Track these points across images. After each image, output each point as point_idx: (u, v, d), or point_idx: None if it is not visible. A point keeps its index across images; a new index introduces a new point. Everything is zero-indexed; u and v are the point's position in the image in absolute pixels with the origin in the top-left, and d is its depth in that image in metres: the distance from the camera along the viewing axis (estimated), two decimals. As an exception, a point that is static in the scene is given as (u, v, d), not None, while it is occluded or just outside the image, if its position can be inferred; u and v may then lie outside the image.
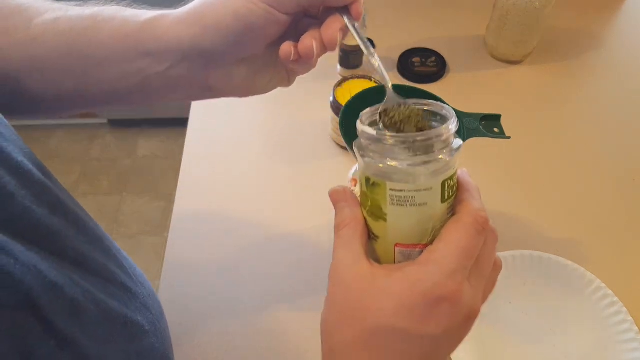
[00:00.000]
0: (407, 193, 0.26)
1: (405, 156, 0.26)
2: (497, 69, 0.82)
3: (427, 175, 0.26)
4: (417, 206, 0.27)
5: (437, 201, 0.27)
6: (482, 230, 0.27)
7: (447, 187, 0.27)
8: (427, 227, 0.28)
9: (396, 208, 0.27)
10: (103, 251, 0.37)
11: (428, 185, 0.26)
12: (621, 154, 0.71)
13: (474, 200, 0.28)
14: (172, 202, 0.65)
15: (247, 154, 0.70)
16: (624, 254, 0.60)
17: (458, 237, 0.27)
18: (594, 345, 0.52)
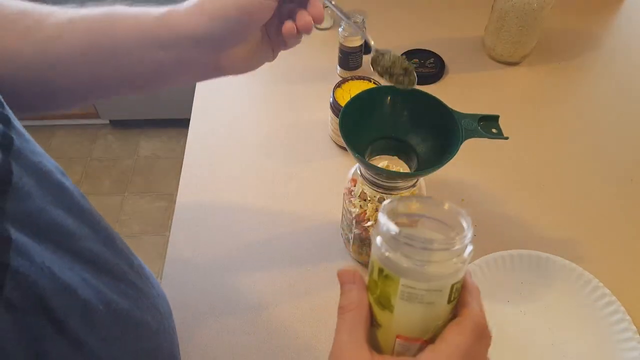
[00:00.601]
0: (418, 291, 0.27)
1: (423, 257, 0.27)
2: (496, 70, 0.83)
3: (440, 278, 0.27)
4: (424, 304, 0.28)
5: (444, 302, 0.28)
6: (481, 337, 0.28)
7: (454, 290, 0.28)
8: (430, 324, 0.29)
9: (404, 303, 0.28)
10: (115, 251, 0.37)
11: (439, 287, 0.27)
12: (619, 154, 0.71)
13: (476, 304, 0.29)
14: (173, 202, 0.65)
15: (248, 154, 0.71)
16: (622, 253, 0.61)
17: (459, 340, 0.27)
18: (592, 344, 0.53)
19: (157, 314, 0.40)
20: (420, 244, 0.27)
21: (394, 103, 0.49)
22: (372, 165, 0.46)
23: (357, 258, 0.59)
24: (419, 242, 0.27)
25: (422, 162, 0.49)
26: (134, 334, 0.35)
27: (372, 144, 0.50)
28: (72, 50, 0.38)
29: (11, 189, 0.26)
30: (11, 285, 0.24)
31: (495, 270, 0.57)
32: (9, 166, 0.27)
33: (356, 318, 0.29)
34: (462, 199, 0.65)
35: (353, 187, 0.53)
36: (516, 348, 0.53)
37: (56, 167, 0.34)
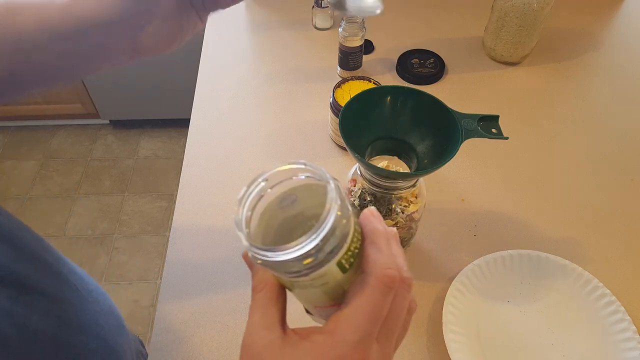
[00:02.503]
0: (303, 282, 0.26)
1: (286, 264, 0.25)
2: (496, 70, 0.83)
3: (315, 269, 0.25)
4: (318, 287, 0.27)
5: (339, 276, 0.26)
6: (389, 290, 0.26)
7: (344, 261, 0.26)
8: (337, 292, 0.27)
9: (300, 289, 0.27)
10: (42, 268, 0.35)
11: (321, 274, 0.26)
12: (619, 154, 0.71)
13: (379, 256, 0.26)
14: (173, 202, 0.65)
15: (248, 154, 0.71)
16: (622, 253, 0.61)
17: (363, 302, 0.26)
18: (592, 344, 0.53)
19: (99, 330, 0.39)
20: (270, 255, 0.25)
21: (394, 103, 0.49)
22: (372, 165, 0.46)
23: (357, 258, 0.59)
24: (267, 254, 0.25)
25: (422, 162, 0.49)
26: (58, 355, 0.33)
27: (372, 144, 0.50)
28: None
29: None
30: None
31: (495, 270, 0.57)
32: None
33: (266, 297, 0.28)
34: (462, 198, 0.66)
35: (353, 187, 0.53)
36: (516, 348, 0.53)
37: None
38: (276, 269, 0.27)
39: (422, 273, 0.59)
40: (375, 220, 0.28)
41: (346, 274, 0.27)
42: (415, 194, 0.52)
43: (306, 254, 0.24)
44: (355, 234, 0.27)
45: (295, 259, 0.24)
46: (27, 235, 0.36)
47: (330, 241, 0.25)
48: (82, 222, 1.64)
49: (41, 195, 1.71)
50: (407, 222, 0.52)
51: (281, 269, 0.26)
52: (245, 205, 0.27)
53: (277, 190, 0.29)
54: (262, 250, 0.25)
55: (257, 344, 0.27)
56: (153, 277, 1.51)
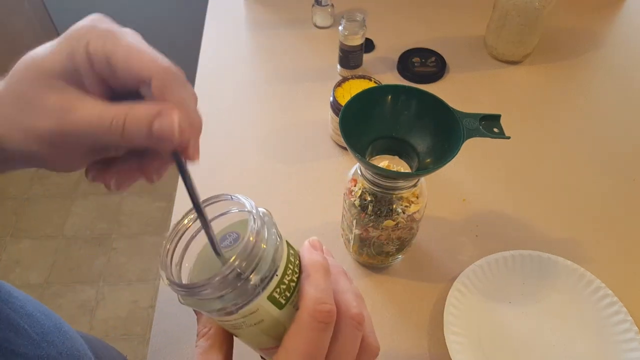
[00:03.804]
0: (236, 322, 0.25)
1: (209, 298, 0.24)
2: (497, 69, 0.82)
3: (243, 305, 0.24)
4: (254, 326, 0.25)
5: (274, 312, 0.25)
6: (325, 326, 0.24)
7: (278, 295, 0.24)
8: (278, 332, 0.26)
9: (237, 331, 0.26)
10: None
11: (252, 310, 0.24)
12: (621, 154, 0.71)
13: (313, 290, 0.25)
14: (172, 202, 0.65)
15: (248, 154, 0.71)
16: (624, 253, 0.60)
17: (297, 343, 0.24)
18: (594, 345, 0.52)
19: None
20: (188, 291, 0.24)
21: (394, 102, 0.49)
22: (372, 165, 0.46)
23: (357, 258, 0.58)
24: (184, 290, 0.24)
25: (423, 162, 0.49)
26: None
27: (373, 143, 0.50)
28: None
29: None
30: None
31: (496, 270, 0.56)
32: None
33: (208, 344, 0.27)
34: (463, 199, 0.65)
35: (353, 187, 0.53)
36: (517, 349, 0.52)
37: None
38: (204, 308, 0.25)
39: (423, 274, 0.58)
40: (314, 253, 0.26)
41: (283, 309, 0.25)
42: (416, 194, 0.52)
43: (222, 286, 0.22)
44: (290, 266, 0.25)
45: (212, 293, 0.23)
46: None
47: (256, 271, 0.23)
48: (81, 222, 1.64)
49: (40, 196, 1.70)
50: (408, 222, 0.51)
51: (207, 308, 0.24)
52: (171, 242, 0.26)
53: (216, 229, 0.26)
54: (180, 288, 0.24)
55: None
56: (152, 278, 1.50)
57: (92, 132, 0.26)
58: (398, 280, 0.58)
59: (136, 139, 0.26)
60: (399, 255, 0.57)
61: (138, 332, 1.37)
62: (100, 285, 1.49)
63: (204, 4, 0.94)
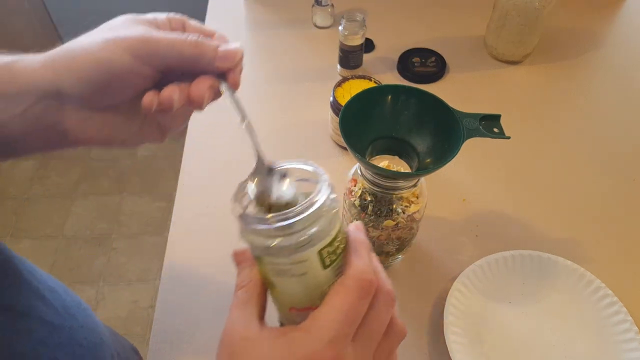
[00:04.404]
0: (283, 266, 0.27)
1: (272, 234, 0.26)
2: (497, 69, 0.82)
3: (295, 249, 0.26)
4: (297, 276, 0.27)
5: (319, 269, 0.27)
6: (366, 294, 0.27)
7: (326, 254, 0.27)
8: (314, 292, 0.28)
9: (279, 278, 0.28)
10: (18, 285, 0.35)
11: (302, 258, 0.27)
12: (621, 154, 0.71)
13: (359, 261, 0.28)
14: (172, 202, 0.65)
15: (247, 154, 0.70)
16: (624, 254, 0.60)
17: (339, 301, 0.26)
18: (594, 345, 0.52)
19: (77, 348, 0.38)
20: (255, 224, 0.27)
21: (394, 102, 0.49)
22: (372, 165, 0.46)
23: (357, 258, 0.58)
24: (252, 222, 0.27)
25: (423, 162, 0.49)
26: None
27: (373, 143, 0.50)
28: None
29: None
30: None
31: (496, 270, 0.56)
32: None
33: (247, 295, 0.29)
34: (463, 198, 0.65)
35: (353, 187, 0.52)
36: (517, 349, 0.52)
37: None
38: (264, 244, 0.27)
39: (423, 273, 0.58)
40: (360, 232, 0.29)
41: (326, 270, 0.27)
42: (416, 194, 0.52)
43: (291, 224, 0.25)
44: (340, 235, 0.28)
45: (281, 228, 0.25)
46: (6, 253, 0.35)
47: (315, 222, 0.26)
48: (81, 222, 1.64)
49: (39, 196, 1.70)
50: (408, 222, 0.51)
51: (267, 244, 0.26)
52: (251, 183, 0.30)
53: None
54: (253, 218, 0.26)
55: (234, 338, 0.28)
56: (152, 278, 1.50)
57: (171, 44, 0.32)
58: (398, 280, 0.58)
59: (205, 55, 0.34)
60: (399, 255, 0.57)
61: (138, 332, 1.37)
62: (100, 285, 1.49)
63: (204, 4, 0.94)
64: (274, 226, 0.26)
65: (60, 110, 0.33)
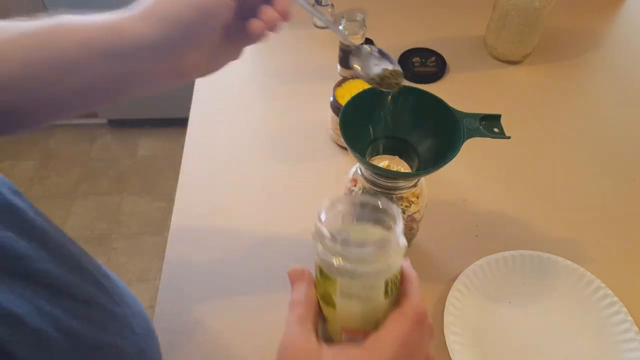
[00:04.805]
0: (354, 289, 0.30)
1: (354, 258, 0.29)
2: (497, 69, 0.82)
3: (372, 276, 0.29)
4: (362, 299, 0.30)
5: (381, 297, 0.30)
6: (420, 323, 0.30)
7: (389, 284, 0.30)
8: (370, 317, 0.31)
9: (343, 299, 0.30)
10: (79, 271, 0.36)
11: (372, 284, 0.30)
12: (621, 154, 0.71)
13: (415, 294, 0.31)
14: (172, 202, 0.65)
15: (247, 154, 0.71)
16: (624, 254, 0.60)
17: (399, 327, 0.30)
18: (594, 345, 0.52)
19: (132, 334, 0.39)
20: (351, 247, 0.29)
21: (394, 102, 0.49)
22: (372, 165, 0.46)
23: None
24: (349, 245, 0.29)
25: (423, 162, 0.49)
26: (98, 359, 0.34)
27: (373, 143, 0.50)
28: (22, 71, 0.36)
29: None
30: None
31: (496, 270, 0.56)
32: None
33: (305, 312, 0.31)
34: (463, 199, 0.65)
35: (353, 187, 0.52)
36: (517, 349, 0.52)
37: (7, 186, 0.33)
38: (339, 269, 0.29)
39: (423, 274, 0.58)
40: (410, 267, 0.33)
41: (385, 299, 0.30)
42: (416, 194, 0.52)
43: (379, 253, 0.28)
44: (399, 270, 0.31)
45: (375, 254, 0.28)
46: (65, 240, 0.36)
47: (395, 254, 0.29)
48: (81, 222, 1.64)
49: (39, 196, 1.70)
50: (408, 222, 0.51)
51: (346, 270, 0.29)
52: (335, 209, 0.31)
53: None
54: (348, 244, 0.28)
55: (296, 352, 0.30)
56: (152, 278, 1.50)
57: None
58: (398, 280, 0.58)
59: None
60: (399, 255, 0.57)
61: (138, 332, 1.38)
62: (100, 285, 1.49)
63: (204, 4, 0.94)
64: (368, 251, 0.28)
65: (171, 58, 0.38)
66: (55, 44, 0.36)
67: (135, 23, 0.35)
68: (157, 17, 0.35)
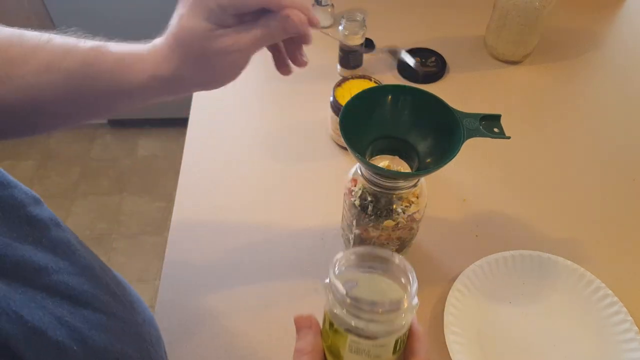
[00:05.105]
0: (364, 346, 0.30)
1: (368, 317, 0.29)
2: (497, 69, 0.82)
3: (385, 335, 0.30)
4: (370, 357, 0.30)
5: (389, 354, 0.31)
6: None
7: (399, 342, 0.31)
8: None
9: (352, 354, 0.31)
10: (94, 280, 0.37)
11: (383, 343, 0.30)
12: (621, 154, 0.71)
13: (422, 351, 0.32)
14: (172, 202, 0.65)
15: (247, 154, 0.71)
16: (624, 253, 0.60)
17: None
18: (594, 345, 0.52)
19: (142, 342, 0.40)
20: (366, 306, 0.29)
21: (394, 102, 0.49)
22: (372, 165, 0.46)
23: (357, 258, 0.58)
24: (364, 305, 0.29)
25: (423, 162, 0.49)
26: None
27: (373, 143, 0.50)
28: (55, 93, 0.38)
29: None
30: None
31: (496, 270, 0.56)
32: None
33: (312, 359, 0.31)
34: (463, 199, 0.65)
35: (353, 187, 0.52)
36: (517, 349, 0.52)
37: (30, 197, 0.33)
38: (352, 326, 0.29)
39: (422, 274, 0.58)
40: (417, 322, 0.33)
41: (394, 355, 0.31)
42: (416, 194, 0.52)
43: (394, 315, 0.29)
44: (407, 331, 0.32)
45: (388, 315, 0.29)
46: (82, 249, 0.37)
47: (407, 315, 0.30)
48: (80, 222, 1.64)
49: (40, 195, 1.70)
50: (408, 222, 0.51)
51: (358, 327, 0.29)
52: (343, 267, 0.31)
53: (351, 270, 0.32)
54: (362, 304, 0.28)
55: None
56: (152, 278, 1.50)
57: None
58: (398, 280, 0.58)
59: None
60: (399, 255, 0.57)
61: (138, 332, 1.38)
62: (100, 285, 1.49)
63: (203, 4, 0.94)
64: (381, 312, 0.29)
65: (180, 89, 0.41)
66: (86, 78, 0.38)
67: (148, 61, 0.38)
68: (162, 55, 0.37)
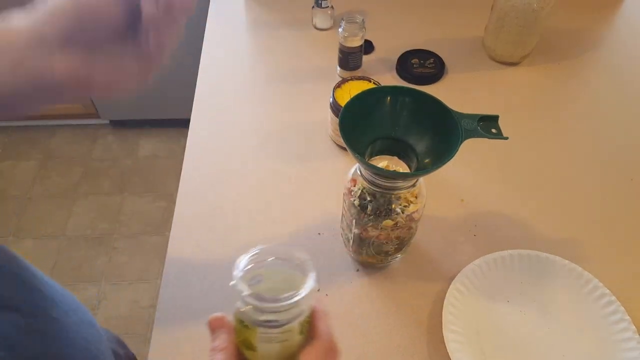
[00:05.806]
0: (273, 335, 0.33)
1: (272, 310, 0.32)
2: (496, 70, 0.83)
3: (288, 322, 0.33)
4: (280, 342, 0.33)
5: (296, 336, 0.33)
6: (331, 351, 0.34)
7: (304, 323, 0.34)
8: (289, 353, 0.34)
9: (264, 344, 0.33)
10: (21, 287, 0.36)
11: (289, 328, 0.33)
12: (619, 154, 0.71)
13: (325, 327, 0.34)
14: (173, 202, 0.65)
15: (248, 154, 0.71)
16: (622, 253, 0.61)
17: (312, 353, 0.33)
18: (592, 344, 0.53)
19: (83, 342, 0.40)
20: (268, 302, 0.31)
21: (393, 103, 0.49)
22: (372, 165, 0.46)
23: (356, 258, 0.59)
24: (266, 302, 0.31)
25: (422, 162, 0.49)
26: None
27: (372, 144, 0.50)
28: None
29: None
30: None
31: (495, 270, 0.57)
32: None
33: (226, 357, 0.33)
34: (462, 199, 0.65)
35: (353, 187, 0.53)
36: (516, 347, 0.53)
37: None
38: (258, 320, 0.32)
39: (421, 273, 0.59)
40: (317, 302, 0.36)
41: (300, 335, 0.34)
42: (415, 194, 0.52)
43: (295, 304, 0.31)
44: (309, 313, 0.35)
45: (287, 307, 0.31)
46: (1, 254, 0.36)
47: (308, 301, 0.33)
48: (82, 222, 1.64)
49: (40, 196, 1.71)
50: (406, 222, 0.52)
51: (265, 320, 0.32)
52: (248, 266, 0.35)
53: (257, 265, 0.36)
54: (264, 300, 0.31)
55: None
56: (153, 278, 1.51)
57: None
58: (397, 279, 0.58)
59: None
60: (398, 255, 0.57)
61: (139, 331, 1.38)
62: (101, 284, 1.49)
63: (205, 5, 0.95)
64: (282, 304, 0.31)
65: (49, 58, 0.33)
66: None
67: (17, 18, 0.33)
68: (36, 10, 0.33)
